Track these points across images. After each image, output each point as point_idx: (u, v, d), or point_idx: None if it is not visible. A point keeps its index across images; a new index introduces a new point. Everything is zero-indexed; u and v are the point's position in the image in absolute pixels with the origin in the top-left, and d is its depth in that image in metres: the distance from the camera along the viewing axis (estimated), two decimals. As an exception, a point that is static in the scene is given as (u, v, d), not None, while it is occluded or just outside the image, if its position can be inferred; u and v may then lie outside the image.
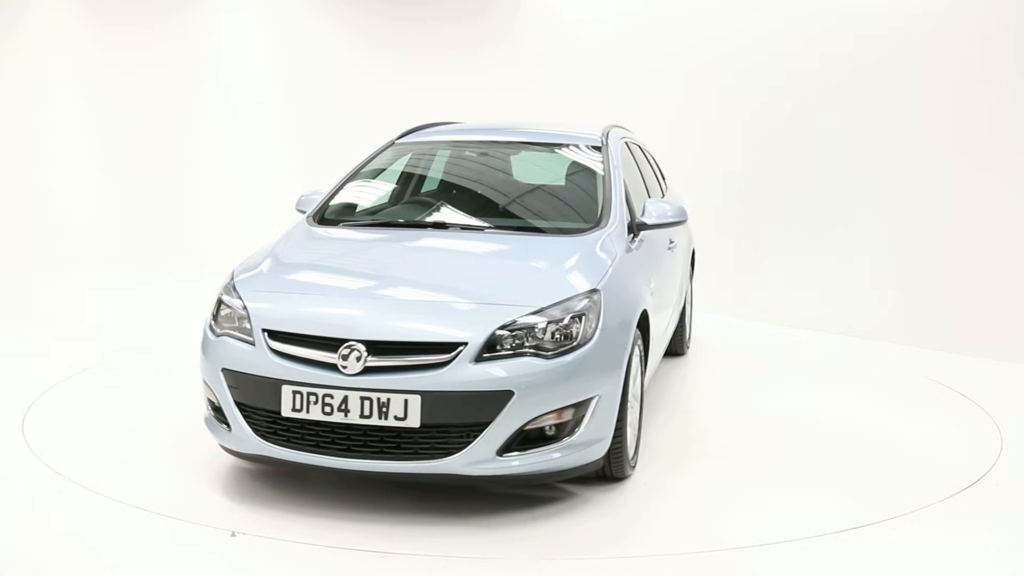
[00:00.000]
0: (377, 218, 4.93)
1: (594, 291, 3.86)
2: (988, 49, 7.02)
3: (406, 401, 3.52)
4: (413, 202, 5.15)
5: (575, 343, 3.69)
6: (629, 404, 4.09)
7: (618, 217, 4.52)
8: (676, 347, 6.49)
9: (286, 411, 3.65)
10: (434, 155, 5.41)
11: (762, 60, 8.31)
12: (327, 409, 3.58)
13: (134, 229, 10.44)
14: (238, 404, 3.81)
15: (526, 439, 3.63)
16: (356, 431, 3.59)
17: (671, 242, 5.45)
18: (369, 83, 10.57)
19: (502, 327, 3.62)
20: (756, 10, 8.37)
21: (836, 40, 7.85)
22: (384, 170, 5.30)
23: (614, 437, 3.92)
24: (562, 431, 3.69)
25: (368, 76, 10.60)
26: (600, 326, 3.78)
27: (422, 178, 5.32)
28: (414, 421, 3.53)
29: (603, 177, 4.80)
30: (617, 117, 6.48)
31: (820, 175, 8.03)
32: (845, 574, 3.44)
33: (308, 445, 3.67)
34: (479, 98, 9.94)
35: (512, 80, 9.97)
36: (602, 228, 4.41)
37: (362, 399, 3.54)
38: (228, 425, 3.88)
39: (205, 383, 4.00)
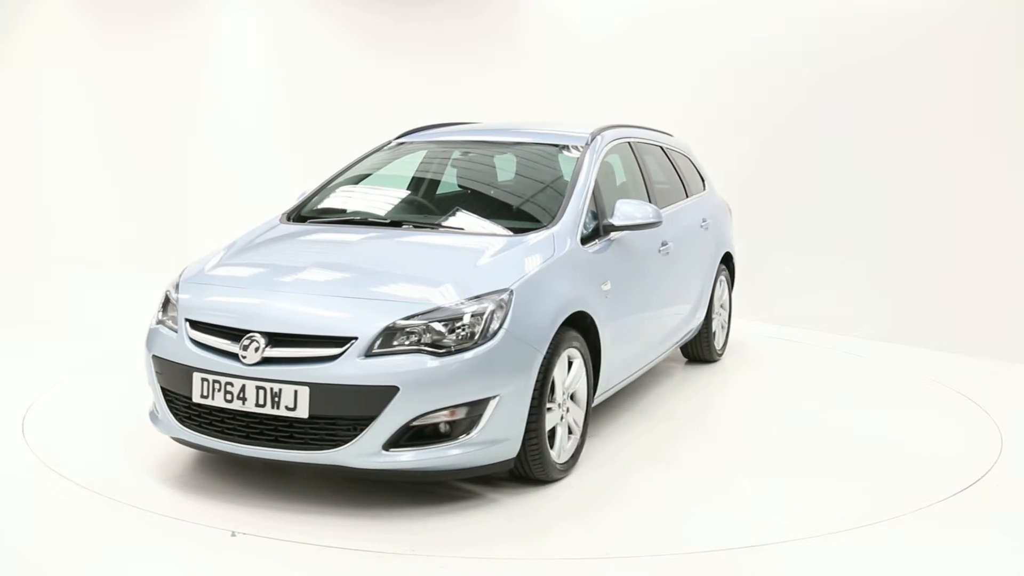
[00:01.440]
0: (340, 216, 4.92)
1: (504, 291, 3.86)
2: (989, 49, 7.02)
3: (296, 392, 3.63)
4: (381, 200, 5.20)
5: (472, 342, 3.71)
6: (558, 406, 4.09)
7: (572, 217, 4.50)
8: (703, 353, 6.34)
9: (196, 397, 3.83)
10: (420, 156, 5.45)
11: (762, 60, 8.31)
12: (228, 397, 3.74)
13: (134, 229, 10.45)
14: (163, 389, 4.02)
15: (419, 435, 3.68)
16: (254, 419, 3.73)
17: (664, 244, 5.30)
18: (369, 83, 10.57)
19: (394, 323, 3.68)
20: (755, 11, 8.38)
21: (837, 41, 7.85)
22: (373, 172, 5.35)
23: (530, 439, 3.91)
24: (457, 429, 3.71)
25: (368, 76, 10.60)
26: (506, 326, 3.78)
27: (404, 178, 5.35)
28: (303, 412, 3.63)
29: (570, 178, 4.78)
30: (615, 117, 6.46)
31: (820, 176, 8.03)
32: (845, 574, 3.44)
33: (215, 431, 3.83)
34: (479, 98, 9.94)
35: (512, 80, 9.97)
36: (549, 228, 4.41)
37: (257, 388, 3.68)
38: (159, 410, 4.10)
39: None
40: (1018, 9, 6.92)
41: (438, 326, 3.69)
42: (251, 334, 3.74)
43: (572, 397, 4.26)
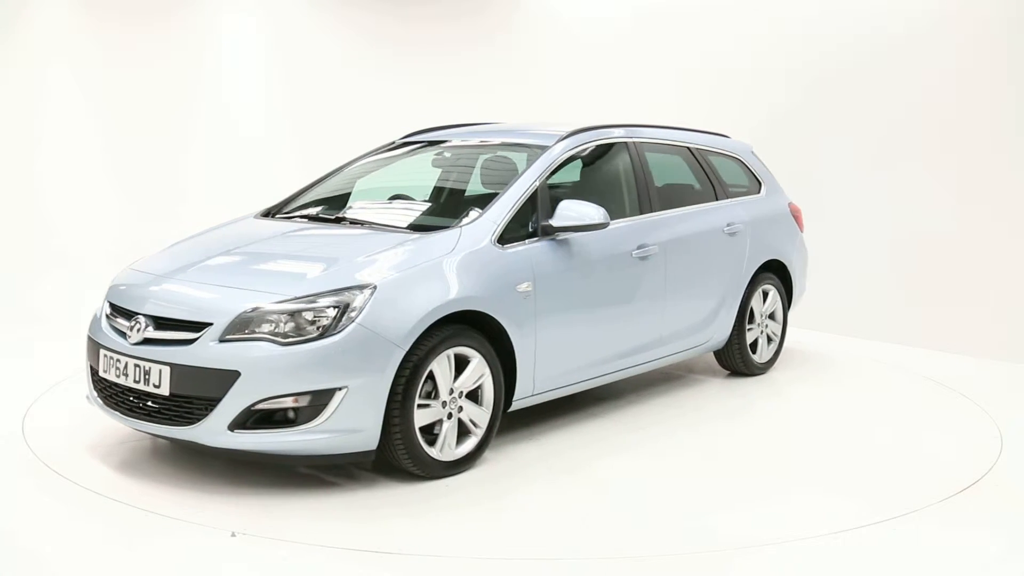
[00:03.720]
0: (296, 212, 5.15)
1: (366, 286, 3.97)
2: (990, 49, 7.03)
3: (160, 371, 3.94)
4: (342, 199, 5.32)
5: (318, 333, 3.85)
6: (442, 405, 4.13)
7: (491, 216, 4.52)
8: (738, 366, 6.01)
9: (100, 371, 4.24)
10: (402, 157, 5.56)
11: (760, 59, 8.32)
12: (117, 372, 4.11)
13: (134, 228, 10.44)
14: (90, 366, 4.39)
15: (267, 419, 3.85)
16: (134, 393, 4.07)
17: (641, 247, 5.12)
18: (368, 83, 10.58)
19: (247, 311, 3.90)
20: (754, 11, 8.38)
21: (836, 40, 7.86)
22: (359, 172, 5.51)
23: (394, 434, 3.96)
24: (302, 416, 3.84)
25: (367, 76, 10.61)
26: (359, 320, 3.88)
27: (387, 180, 5.47)
28: (165, 390, 3.94)
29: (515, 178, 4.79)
30: (615, 117, 6.46)
31: (819, 174, 8.03)
32: (845, 574, 3.44)
33: (113, 403, 4.19)
34: (480, 97, 9.94)
35: (513, 79, 9.97)
36: (459, 226, 4.45)
37: (135, 366, 4.03)
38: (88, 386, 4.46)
39: None
40: (1018, 9, 6.91)
41: (288, 316, 3.88)
42: (138, 316, 4.11)
43: (476, 398, 4.29)
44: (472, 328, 4.25)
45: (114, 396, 4.18)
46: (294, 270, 4.23)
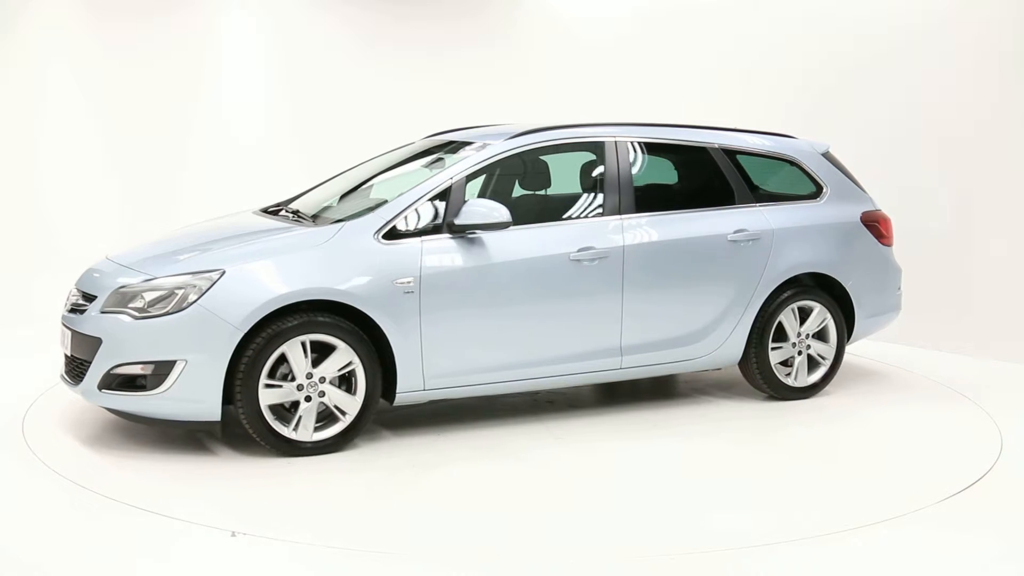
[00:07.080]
0: (271, 207, 5.46)
1: (214, 271, 4.33)
2: (991, 48, 7.02)
3: (68, 335, 4.55)
4: (317, 196, 5.46)
5: (163, 311, 4.27)
6: (299, 388, 4.34)
7: (383, 212, 4.63)
8: (761, 387, 5.53)
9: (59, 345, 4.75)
10: (408, 157, 5.58)
11: (760, 59, 8.31)
12: (60, 338, 4.68)
13: (134, 228, 10.43)
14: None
15: (129, 383, 4.32)
16: (67, 358, 4.64)
17: (584, 249, 4.89)
18: (369, 82, 10.56)
19: (117, 288, 4.41)
20: (754, 11, 8.38)
21: (835, 40, 7.85)
22: (357, 173, 5.58)
23: (242, 410, 4.28)
24: (151, 383, 4.28)
25: (368, 75, 10.60)
26: (201, 302, 4.26)
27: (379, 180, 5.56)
28: (69, 350, 4.56)
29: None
30: (616, 116, 6.44)
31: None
32: (845, 574, 3.44)
33: (65, 370, 4.70)
34: (480, 97, 9.94)
35: (513, 79, 9.97)
36: (341, 221, 4.64)
37: (63, 332, 4.63)
38: None
39: None
40: (1019, 9, 6.91)
41: (147, 293, 4.33)
42: (74, 291, 4.66)
43: (346, 385, 4.45)
44: (341, 317, 4.41)
45: (65, 364, 4.69)
46: (179, 255, 4.58)
